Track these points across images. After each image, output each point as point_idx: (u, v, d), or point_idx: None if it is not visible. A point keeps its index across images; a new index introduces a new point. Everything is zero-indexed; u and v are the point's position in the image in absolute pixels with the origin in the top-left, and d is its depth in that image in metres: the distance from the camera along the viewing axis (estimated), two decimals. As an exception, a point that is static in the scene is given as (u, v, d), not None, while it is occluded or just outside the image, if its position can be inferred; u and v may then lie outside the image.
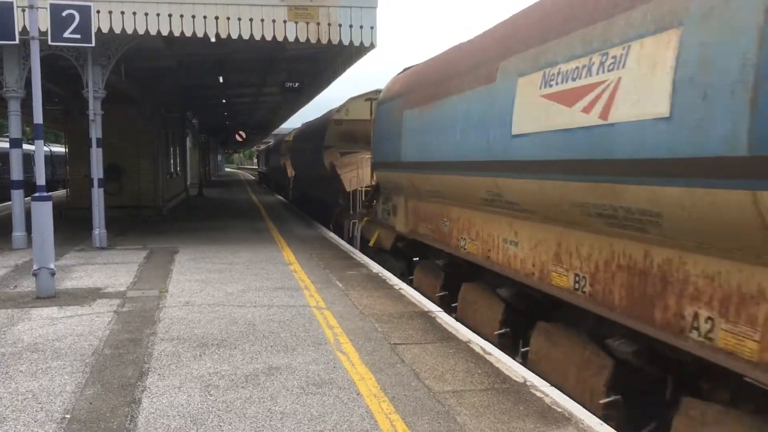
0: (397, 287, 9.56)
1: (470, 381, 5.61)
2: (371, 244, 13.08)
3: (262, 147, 69.42)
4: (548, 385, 5.61)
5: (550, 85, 5.96)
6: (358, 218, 14.75)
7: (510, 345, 7.48)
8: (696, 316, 4.52)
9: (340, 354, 6.27)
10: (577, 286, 5.95)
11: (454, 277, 9.44)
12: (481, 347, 6.60)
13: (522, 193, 6.67)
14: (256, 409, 4.94)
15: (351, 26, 12.32)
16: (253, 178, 67.68)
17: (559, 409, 4.99)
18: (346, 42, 12.43)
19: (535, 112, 6.16)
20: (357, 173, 15.04)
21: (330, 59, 17.81)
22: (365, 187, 14.40)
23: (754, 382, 4.11)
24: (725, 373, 4.39)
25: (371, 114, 13.92)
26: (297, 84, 19.14)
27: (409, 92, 10.75)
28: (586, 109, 5.37)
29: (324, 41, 12.36)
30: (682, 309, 4.63)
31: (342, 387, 5.39)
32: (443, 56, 10.11)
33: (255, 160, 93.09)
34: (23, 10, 10.90)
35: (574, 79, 5.60)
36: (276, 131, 56.12)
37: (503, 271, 7.49)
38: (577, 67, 5.58)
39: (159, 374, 5.70)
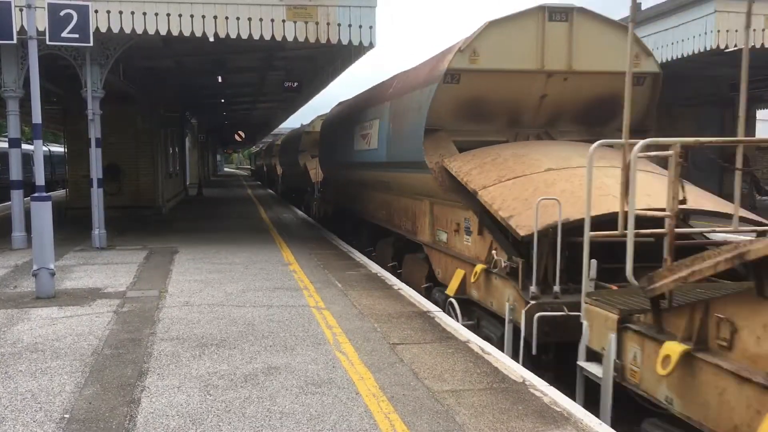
0: (396, 287, 9.57)
1: (469, 380, 5.62)
2: (315, 213, 21.20)
3: (254, 150, 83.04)
4: (547, 384, 5.62)
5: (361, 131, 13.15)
6: (317, 200, 21.27)
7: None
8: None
9: (339, 354, 6.27)
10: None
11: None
12: (479, 347, 6.60)
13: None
14: (255, 408, 4.95)
15: (350, 26, 12.31)
16: (247, 174, 79.49)
17: (558, 409, 5.00)
18: (345, 42, 12.42)
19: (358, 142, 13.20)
20: (318, 170, 19.70)
21: (329, 59, 17.82)
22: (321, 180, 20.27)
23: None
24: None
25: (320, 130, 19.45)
26: (296, 84, 19.16)
27: (332, 121, 17.59)
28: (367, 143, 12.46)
29: (323, 41, 12.35)
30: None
31: (341, 387, 5.40)
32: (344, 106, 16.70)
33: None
34: (21, 10, 10.90)
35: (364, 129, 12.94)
36: (275, 131, 56.13)
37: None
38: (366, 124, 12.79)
39: (158, 374, 5.71)
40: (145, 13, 11.89)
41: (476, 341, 6.84)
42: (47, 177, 10.21)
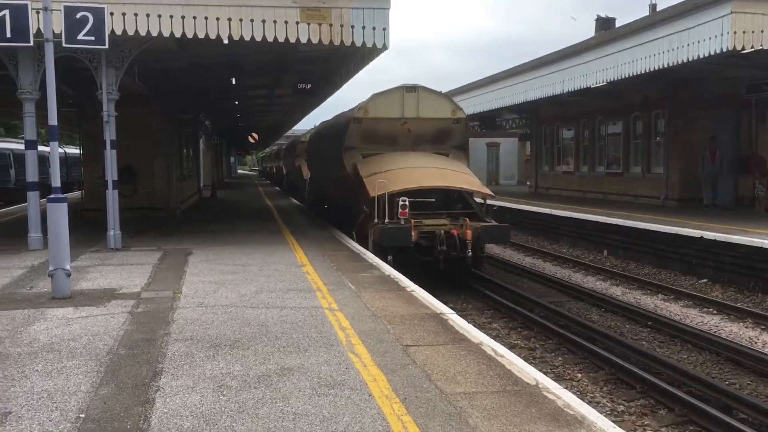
0: (409, 289, 9.57)
1: (482, 383, 5.61)
2: (307, 200, 26.72)
3: (260, 154, 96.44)
4: (560, 387, 5.60)
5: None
6: (308, 191, 25.94)
7: None
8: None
9: (352, 355, 6.28)
10: None
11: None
12: (492, 349, 6.59)
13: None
14: (268, 409, 4.96)
15: (363, 28, 12.30)
16: (256, 174, 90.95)
17: (572, 412, 4.98)
18: (358, 43, 12.43)
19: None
20: (307, 171, 21.31)
21: (342, 60, 17.84)
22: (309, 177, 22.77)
23: None
24: None
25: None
26: (309, 85, 19.21)
27: (314, 138, 23.80)
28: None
29: (336, 43, 12.37)
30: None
31: (354, 388, 5.41)
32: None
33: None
34: (37, 12, 11.00)
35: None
36: (288, 132, 56.29)
37: None
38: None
39: (172, 374, 5.74)
40: (159, 16, 11.95)
41: (489, 343, 6.82)
42: (63, 179, 10.32)
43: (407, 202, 13.11)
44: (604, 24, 27.20)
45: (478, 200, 15.13)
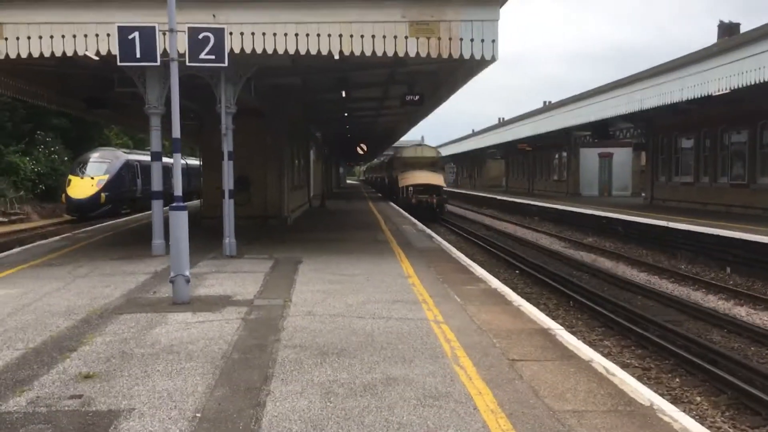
0: (515, 303, 9.42)
1: (592, 401, 5.43)
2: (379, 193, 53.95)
3: (363, 168, 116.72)
4: (677, 410, 5.34)
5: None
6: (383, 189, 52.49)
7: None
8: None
9: (458, 368, 6.25)
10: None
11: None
12: (604, 367, 6.37)
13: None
14: (373, 418, 5.02)
15: (472, 40, 12.22)
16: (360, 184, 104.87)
17: (689, 437, 4.73)
18: (466, 56, 12.37)
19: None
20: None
21: (450, 72, 17.87)
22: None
23: None
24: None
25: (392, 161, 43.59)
26: (417, 97, 19.29)
27: (381, 162, 65.51)
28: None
29: (444, 56, 12.38)
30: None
31: (459, 401, 5.38)
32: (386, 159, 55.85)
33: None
34: (164, 34, 11.70)
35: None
36: (397, 143, 56.97)
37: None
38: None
39: (282, 379, 5.93)
40: (275, 34, 12.41)
41: (600, 361, 6.60)
42: (184, 188, 10.85)
43: (412, 189, 33.23)
44: (728, 30, 25.80)
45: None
